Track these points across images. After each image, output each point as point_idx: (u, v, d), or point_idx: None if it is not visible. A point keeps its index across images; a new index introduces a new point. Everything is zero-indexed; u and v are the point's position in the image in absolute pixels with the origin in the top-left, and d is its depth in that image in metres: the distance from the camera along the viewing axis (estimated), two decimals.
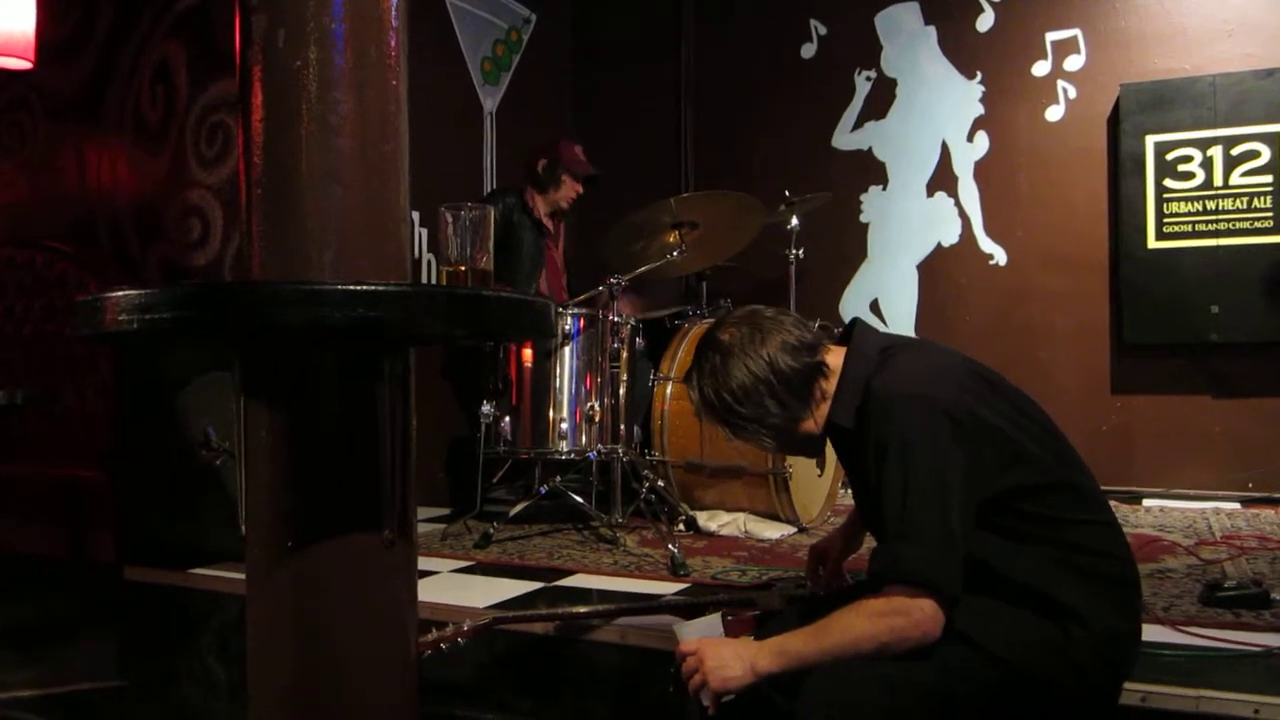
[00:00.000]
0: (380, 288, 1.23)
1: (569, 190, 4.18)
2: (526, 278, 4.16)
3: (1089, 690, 1.61)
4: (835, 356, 1.76)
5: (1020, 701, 1.59)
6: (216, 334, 1.37)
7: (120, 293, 1.23)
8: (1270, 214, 4.22)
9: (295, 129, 1.38)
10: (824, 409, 1.75)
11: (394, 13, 1.45)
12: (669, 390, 3.65)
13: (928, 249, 4.96)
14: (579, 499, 3.48)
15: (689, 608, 2.20)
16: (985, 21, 4.86)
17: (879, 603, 1.52)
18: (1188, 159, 4.36)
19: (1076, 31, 4.67)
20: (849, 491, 4.03)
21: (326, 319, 1.19)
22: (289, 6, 1.38)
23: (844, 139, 5.15)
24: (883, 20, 5.08)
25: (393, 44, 1.45)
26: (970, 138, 4.88)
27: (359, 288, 1.21)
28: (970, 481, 1.56)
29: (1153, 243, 4.41)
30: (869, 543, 1.91)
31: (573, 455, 3.42)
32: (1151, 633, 1.92)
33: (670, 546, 2.94)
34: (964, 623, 1.55)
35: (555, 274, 4.34)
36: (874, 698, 1.52)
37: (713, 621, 1.79)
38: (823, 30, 5.22)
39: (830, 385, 1.74)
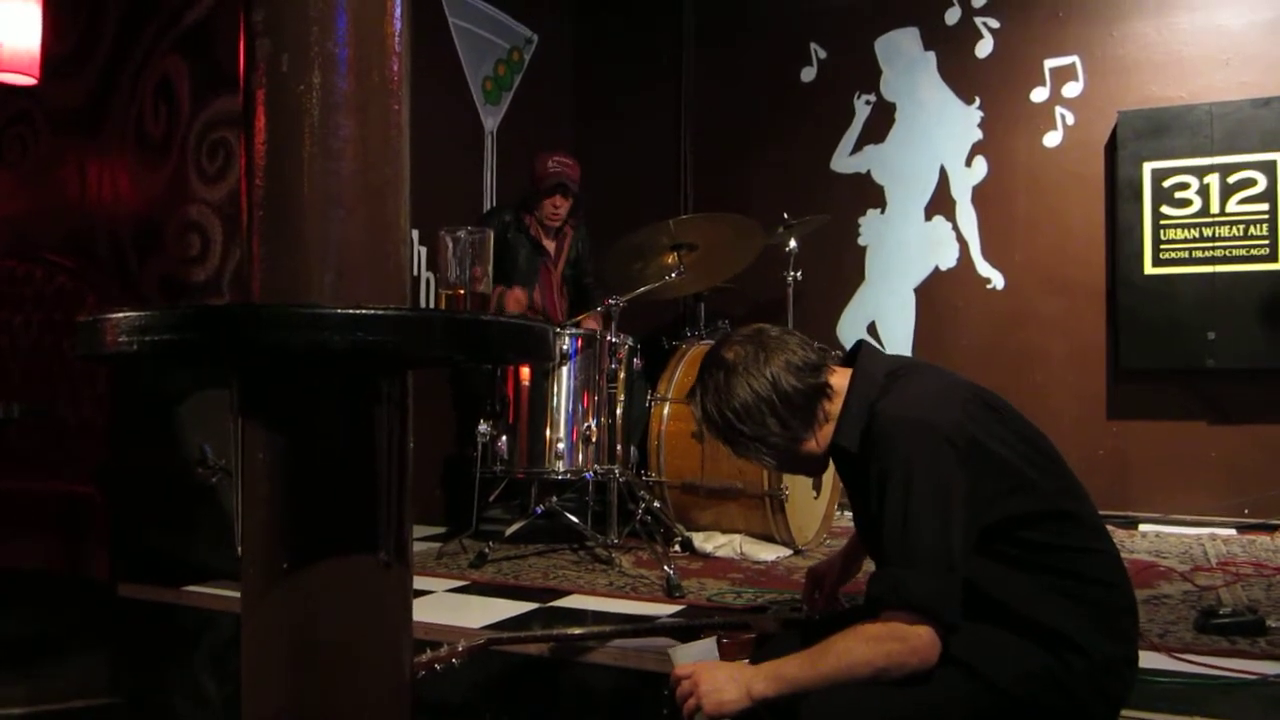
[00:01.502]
0: (380, 312, 1.22)
1: (547, 207, 4.20)
2: None
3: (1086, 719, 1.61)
4: (840, 378, 1.76)
5: None
6: (216, 356, 1.37)
7: (120, 314, 1.22)
8: (1266, 241, 4.25)
9: (297, 153, 1.39)
10: (827, 430, 1.75)
11: (397, 38, 1.46)
12: (666, 411, 3.65)
13: (925, 272, 4.98)
14: (575, 519, 3.48)
15: (684, 630, 2.19)
16: (984, 48, 4.89)
17: (877, 628, 1.52)
18: (1184, 186, 4.38)
19: (1075, 59, 4.71)
20: (845, 514, 4.04)
21: (327, 343, 1.19)
22: (293, 31, 1.39)
23: (843, 162, 5.17)
24: (882, 45, 5.11)
25: (395, 68, 1.46)
26: (968, 162, 4.90)
27: (359, 312, 1.21)
28: (972, 508, 1.56)
29: (1149, 268, 4.43)
30: (867, 568, 1.91)
31: (569, 475, 3.42)
32: (1147, 659, 1.92)
33: (666, 568, 2.94)
34: (962, 650, 1.54)
35: (550, 293, 4.34)
36: None
37: (708, 645, 1.79)
38: (822, 54, 5.25)
39: (834, 406, 1.74)
